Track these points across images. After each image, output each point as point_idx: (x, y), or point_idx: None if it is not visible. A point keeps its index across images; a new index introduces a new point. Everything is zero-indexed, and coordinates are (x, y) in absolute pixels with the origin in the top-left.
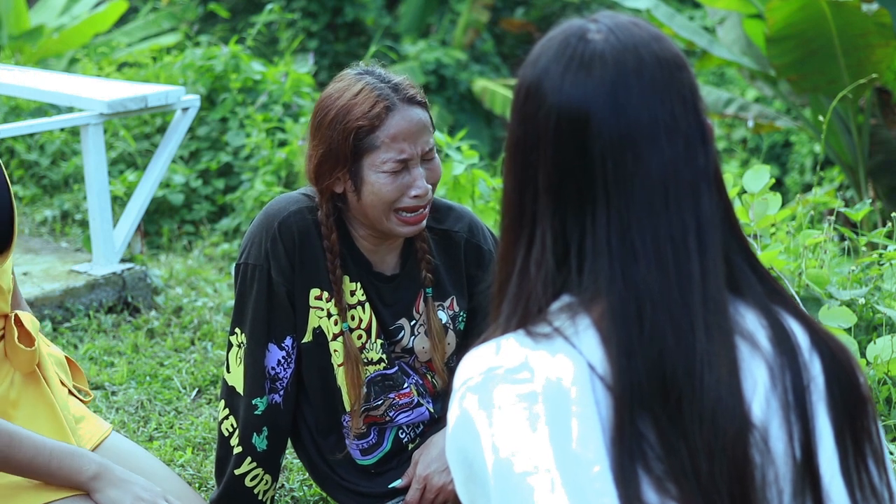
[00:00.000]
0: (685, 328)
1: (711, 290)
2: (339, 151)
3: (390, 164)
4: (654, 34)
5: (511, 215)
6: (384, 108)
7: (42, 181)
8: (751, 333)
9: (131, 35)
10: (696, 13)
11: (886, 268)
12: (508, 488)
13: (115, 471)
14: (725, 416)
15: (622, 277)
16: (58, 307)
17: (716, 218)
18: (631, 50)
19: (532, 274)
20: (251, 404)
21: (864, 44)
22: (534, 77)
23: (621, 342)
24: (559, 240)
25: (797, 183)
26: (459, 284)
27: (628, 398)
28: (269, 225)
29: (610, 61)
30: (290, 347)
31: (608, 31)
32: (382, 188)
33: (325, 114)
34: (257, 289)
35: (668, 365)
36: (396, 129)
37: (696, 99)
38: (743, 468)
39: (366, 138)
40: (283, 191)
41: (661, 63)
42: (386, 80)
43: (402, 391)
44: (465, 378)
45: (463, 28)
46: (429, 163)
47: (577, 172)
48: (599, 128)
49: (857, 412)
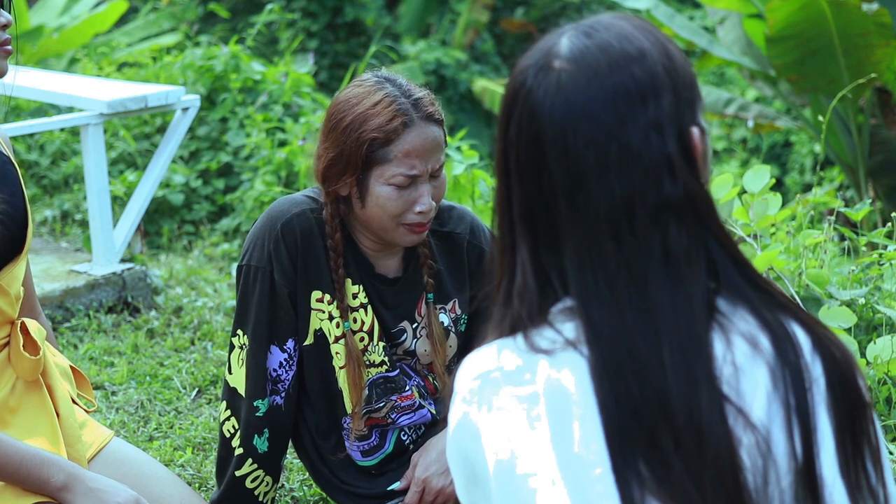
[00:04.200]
0: (652, 367)
1: (681, 323)
2: (350, 158)
3: (399, 178)
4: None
5: (497, 239)
6: (402, 124)
7: (42, 181)
8: (752, 335)
9: (131, 35)
10: (696, 13)
11: (886, 268)
12: (510, 490)
13: (86, 481)
14: (711, 448)
15: (585, 316)
16: (58, 307)
17: (692, 244)
18: (583, 86)
19: (515, 303)
20: (253, 406)
21: (864, 44)
22: (505, 101)
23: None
24: (539, 268)
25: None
26: (462, 287)
27: (615, 418)
28: (272, 227)
29: (561, 98)
30: (291, 349)
31: (568, 61)
32: (388, 202)
33: (341, 118)
34: (260, 291)
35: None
36: (411, 145)
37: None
38: (735, 495)
39: (379, 150)
40: (283, 191)
41: (620, 97)
42: (407, 94)
43: (404, 393)
44: (466, 381)
45: (463, 28)
46: (435, 179)
47: (541, 207)
48: (550, 167)
49: (858, 415)
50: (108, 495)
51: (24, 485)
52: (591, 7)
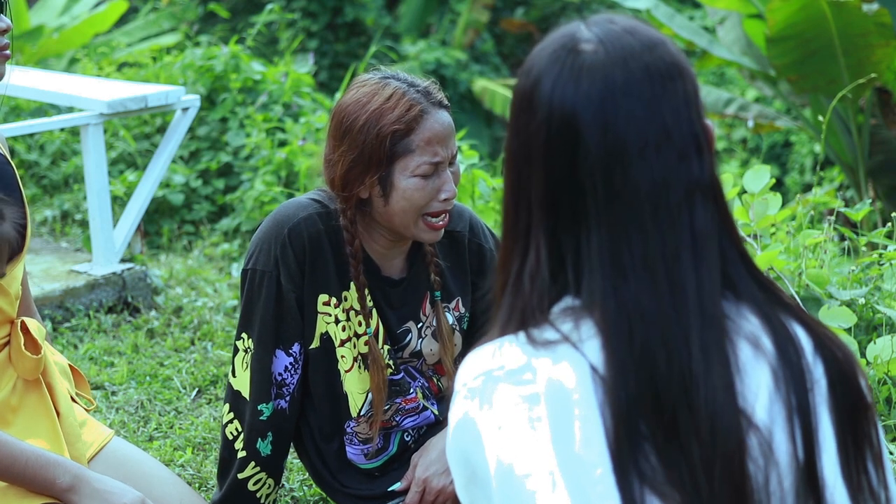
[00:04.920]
0: (678, 346)
1: (707, 304)
2: (373, 156)
3: (424, 167)
4: (649, 42)
5: (507, 225)
6: (419, 112)
7: (42, 181)
8: (754, 336)
9: (131, 35)
10: (696, 13)
11: (886, 268)
12: (511, 490)
13: (92, 482)
14: (722, 433)
15: (614, 295)
16: (58, 307)
17: (712, 228)
18: (620, 64)
19: (526, 288)
20: (257, 409)
21: (864, 44)
22: (525, 89)
23: (615, 358)
24: (554, 253)
25: (797, 183)
26: (464, 285)
27: (624, 412)
28: (279, 231)
29: (598, 76)
30: (297, 354)
31: (598, 42)
32: (415, 193)
33: (354, 119)
34: (266, 295)
35: (660, 384)
36: (431, 132)
37: (691, 108)
38: (741, 484)
39: (400, 143)
40: (283, 191)
41: (653, 76)
42: (414, 85)
43: (409, 396)
44: (466, 379)
45: (463, 28)
46: (452, 166)
47: (567, 188)
48: (587, 144)
49: (859, 416)
50: (113, 496)
51: (30, 486)
52: (591, 7)
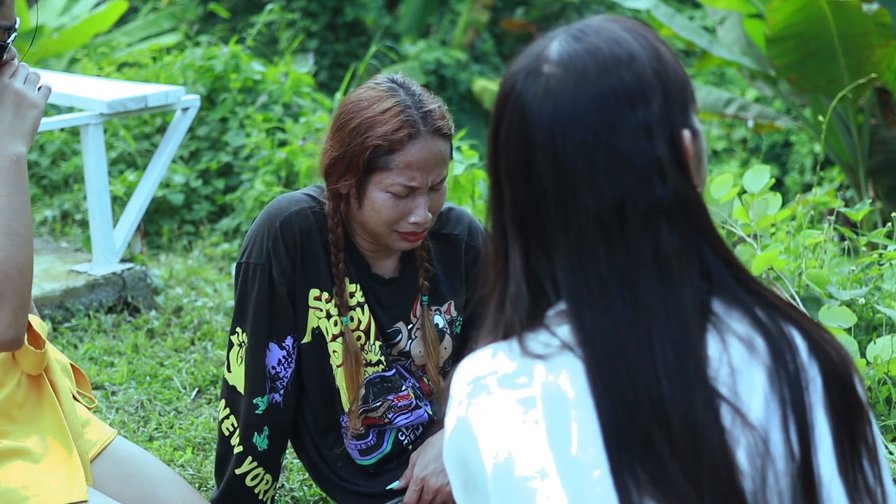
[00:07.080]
0: (642, 369)
1: (674, 326)
2: (352, 161)
3: (397, 187)
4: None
5: (492, 241)
6: (407, 135)
7: (42, 181)
8: (748, 337)
9: (131, 35)
10: (696, 13)
11: (886, 268)
12: (508, 493)
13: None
14: (707, 448)
15: (577, 320)
16: (58, 307)
17: (683, 246)
18: (571, 89)
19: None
20: (252, 403)
21: (864, 44)
22: (496, 105)
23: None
24: (531, 276)
25: (797, 183)
26: (458, 289)
27: (610, 424)
28: (271, 224)
29: (550, 103)
30: (290, 347)
31: (557, 65)
32: (383, 208)
33: (349, 119)
34: (258, 288)
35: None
36: (413, 157)
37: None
38: (733, 497)
39: (381, 158)
40: (283, 191)
41: (607, 101)
42: (418, 105)
43: (401, 393)
44: (462, 383)
45: (463, 28)
46: (435, 192)
47: (531, 213)
48: (539, 171)
49: (855, 415)
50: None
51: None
52: (591, 7)
